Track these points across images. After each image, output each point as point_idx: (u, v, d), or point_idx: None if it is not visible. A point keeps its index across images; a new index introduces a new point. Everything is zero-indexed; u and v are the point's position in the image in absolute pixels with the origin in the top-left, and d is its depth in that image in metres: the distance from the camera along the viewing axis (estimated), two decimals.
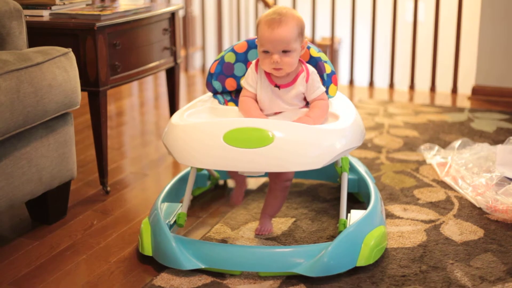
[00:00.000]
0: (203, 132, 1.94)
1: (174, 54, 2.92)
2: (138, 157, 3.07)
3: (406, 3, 5.38)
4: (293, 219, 2.32)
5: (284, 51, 2.00)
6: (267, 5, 4.77)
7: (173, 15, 2.88)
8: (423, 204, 2.43)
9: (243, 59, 2.26)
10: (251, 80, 2.09)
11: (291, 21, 2.00)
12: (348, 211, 2.15)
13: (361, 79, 4.78)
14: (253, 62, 2.11)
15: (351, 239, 1.97)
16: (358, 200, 2.48)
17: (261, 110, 2.10)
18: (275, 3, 4.74)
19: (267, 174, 2.33)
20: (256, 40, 2.08)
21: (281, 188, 2.16)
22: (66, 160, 2.28)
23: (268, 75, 2.08)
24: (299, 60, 2.08)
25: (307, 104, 2.13)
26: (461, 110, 3.67)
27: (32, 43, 2.39)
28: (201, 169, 2.50)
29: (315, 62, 2.18)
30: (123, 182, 2.74)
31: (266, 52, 2.01)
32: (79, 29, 2.45)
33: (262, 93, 2.08)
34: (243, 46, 2.26)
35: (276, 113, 2.10)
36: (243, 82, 2.12)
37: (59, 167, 2.26)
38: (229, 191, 2.62)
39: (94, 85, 2.48)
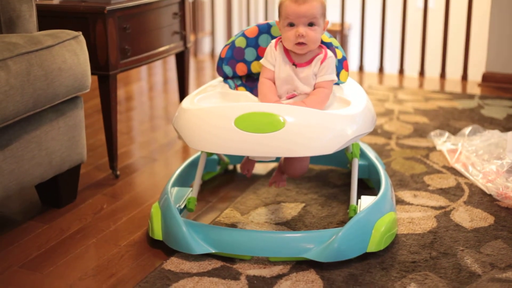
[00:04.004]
0: (214, 116, 1.94)
1: (184, 39, 2.91)
2: (147, 141, 3.07)
3: None
4: (303, 204, 2.32)
5: (310, 24, 2.02)
6: None
7: None
8: (433, 191, 2.42)
9: (253, 44, 2.25)
10: (270, 57, 2.09)
11: (316, 0, 2.03)
12: (358, 197, 2.14)
13: (371, 65, 4.75)
14: (273, 41, 2.10)
15: (361, 225, 1.97)
16: (368, 186, 2.47)
17: (277, 88, 2.09)
18: None
19: (277, 159, 2.33)
20: (277, 21, 2.09)
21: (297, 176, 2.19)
22: (76, 143, 2.28)
23: (287, 52, 2.08)
24: (321, 45, 2.09)
25: None
26: (471, 96, 3.65)
27: (42, 26, 2.38)
28: (212, 154, 2.50)
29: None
30: (133, 167, 2.74)
31: (291, 25, 2.02)
32: (89, 12, 2.44)
33: (280, 70, 2.08)
34: (253, 31, 2.25)
35: (288, 97, 2.09)
36: (262, 60, 2.11)
37: (69, 150, 2.26)
38: (239, 176, 2.62)
39: (104, 69, 2.48)
